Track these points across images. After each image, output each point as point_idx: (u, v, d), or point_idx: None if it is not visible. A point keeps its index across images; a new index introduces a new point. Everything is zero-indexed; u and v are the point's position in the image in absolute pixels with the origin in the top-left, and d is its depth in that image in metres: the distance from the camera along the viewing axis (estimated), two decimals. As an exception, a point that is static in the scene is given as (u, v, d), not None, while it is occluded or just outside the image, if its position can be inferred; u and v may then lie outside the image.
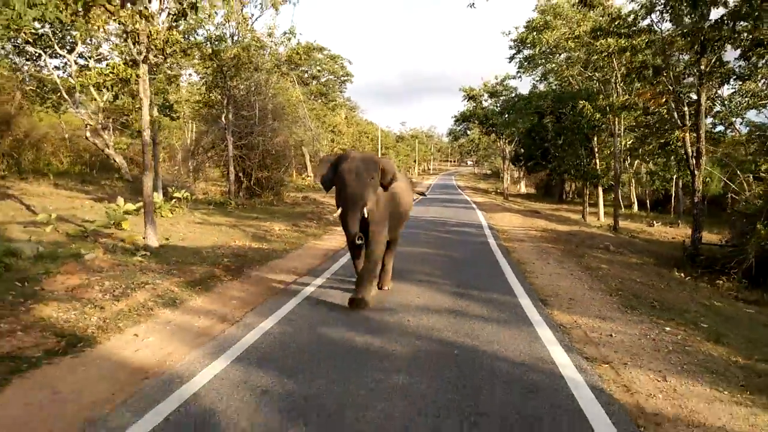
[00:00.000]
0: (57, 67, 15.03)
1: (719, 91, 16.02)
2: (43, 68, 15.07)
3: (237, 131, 17.08)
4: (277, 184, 18.64)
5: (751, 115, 19.92)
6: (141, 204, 9.93)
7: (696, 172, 10.60)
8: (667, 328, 5.10)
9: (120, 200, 10.66)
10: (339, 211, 5.32)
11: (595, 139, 20.45)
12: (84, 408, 3.14)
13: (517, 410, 3.15)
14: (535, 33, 20.78)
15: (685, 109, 11.77)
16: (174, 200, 12.56)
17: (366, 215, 5.17)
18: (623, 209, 26.95)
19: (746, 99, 16.34)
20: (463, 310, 5.36)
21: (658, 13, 11.75)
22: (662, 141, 15.59)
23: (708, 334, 5.02)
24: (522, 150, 27.71)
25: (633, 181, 29.99)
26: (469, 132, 50.37)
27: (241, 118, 17.46)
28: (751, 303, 7.73)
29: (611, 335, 4.80)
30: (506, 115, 26.01)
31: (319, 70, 38.67)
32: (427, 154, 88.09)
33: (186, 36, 14.22)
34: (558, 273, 7.75)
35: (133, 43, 8.20)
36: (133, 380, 3.57)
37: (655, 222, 22.10)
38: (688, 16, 10.49)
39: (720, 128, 19.72)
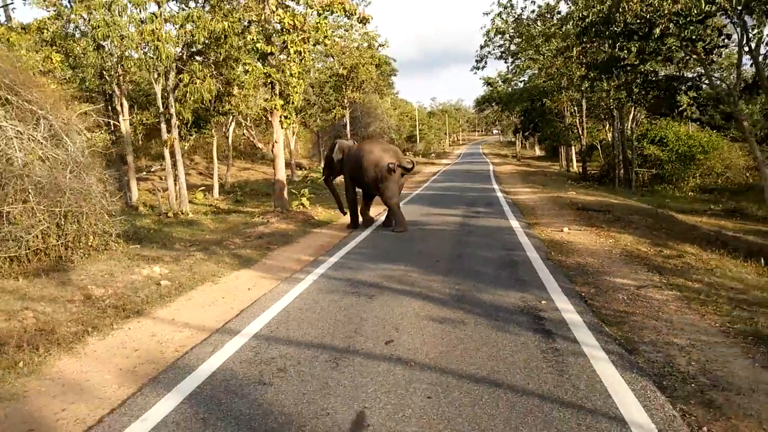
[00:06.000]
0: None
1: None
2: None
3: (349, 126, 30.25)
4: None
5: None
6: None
7: (582, 136, 23.17)
8: (534, 186, 17.99)
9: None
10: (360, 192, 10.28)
11: (568, 116, 32.55)
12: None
13: (480, 187, 16.25)
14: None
15: (576, 107, 24.31)
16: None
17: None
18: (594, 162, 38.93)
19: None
20: (471, 184, 18.43)
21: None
22: (569, 123, 27.75)
23: (543, 185, 17.89)
24: (520, 124, 40.07)
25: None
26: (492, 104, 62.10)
27: (351, 116, 30.61)
28: (588, 187, 20.30)
29: (515, 188, 17.77)
30: (511, 103, 38.23)
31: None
32: (456, 126, 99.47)
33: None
34: (513, 181, 20.69)
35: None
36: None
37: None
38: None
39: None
